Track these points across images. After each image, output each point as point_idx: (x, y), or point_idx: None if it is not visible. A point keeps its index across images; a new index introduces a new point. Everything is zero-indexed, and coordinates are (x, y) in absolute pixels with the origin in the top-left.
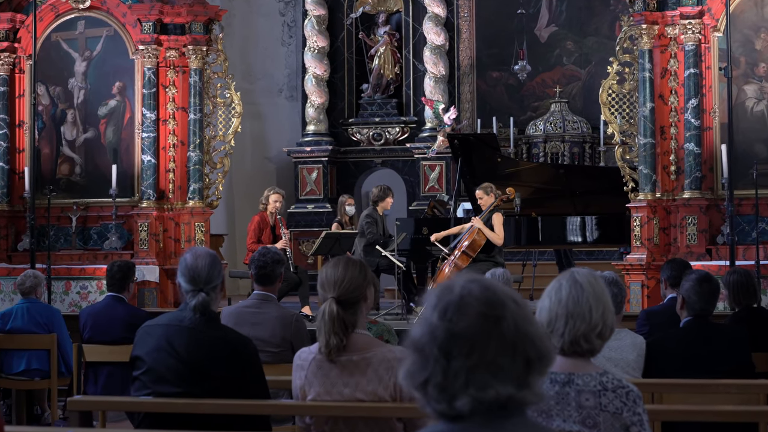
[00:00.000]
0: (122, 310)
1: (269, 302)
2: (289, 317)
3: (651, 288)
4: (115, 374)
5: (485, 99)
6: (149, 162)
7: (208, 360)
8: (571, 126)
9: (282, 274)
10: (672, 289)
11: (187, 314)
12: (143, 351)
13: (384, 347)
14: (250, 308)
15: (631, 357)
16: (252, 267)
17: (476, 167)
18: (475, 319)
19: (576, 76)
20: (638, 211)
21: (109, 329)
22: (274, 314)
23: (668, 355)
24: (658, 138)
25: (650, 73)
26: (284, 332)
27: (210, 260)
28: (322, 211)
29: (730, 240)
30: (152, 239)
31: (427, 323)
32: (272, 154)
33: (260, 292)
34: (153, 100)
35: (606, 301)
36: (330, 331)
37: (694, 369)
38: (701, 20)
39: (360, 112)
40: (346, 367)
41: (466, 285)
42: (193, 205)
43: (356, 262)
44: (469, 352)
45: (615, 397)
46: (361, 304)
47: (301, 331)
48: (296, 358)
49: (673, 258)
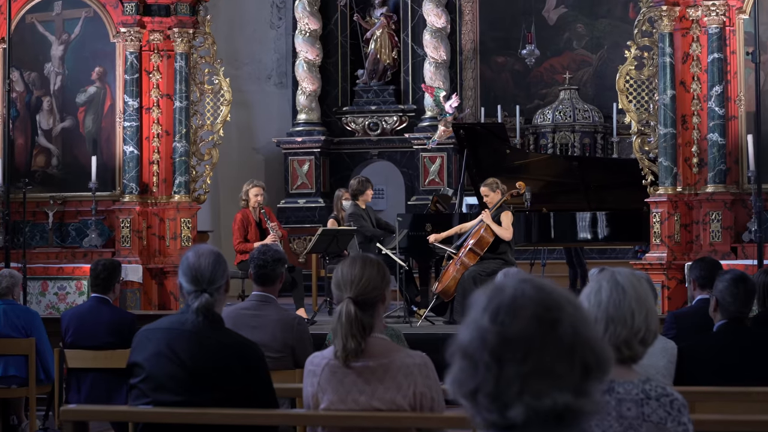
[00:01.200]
0: (108, 313)
1: (269, 304)
2: (291, 320)
3: (672, 289)
4: (100, 382)
5: (489, 86)
6: (131, 153)
7: (213, 366)
8: (582, 115)
9: (283, 274)
10: (701, 290)
11: (189, 317)
12: (142, 357)
13: (403, 352)
14: (249, 310)
15: (661, 363)
16: (251, 266)
17: (483, 159)
18: (530, 322)
19: (587, 61)
20: (658, 206)
21: (93, 333)
22: (274, 317)
23: (701, 361)
24: (680, 128)
25: (671, 58)
26: (285, 336)
27: (214, 259)
28: (314, 206)
29: (758, 237)
30: (135, 236)
31: (476, 327)
32: (260, 145)
33: (260, 293)
34: (135, 86)
35: (649, 305)
36: (347, 333)
37: (730, 376)
38: (725, 1)
39: (355, 100)
40: (362, 374)
41: (518, 285)
42: (179, 199)
43: (374, 261)
44: (523, 357)
45: (659, 406)
46: (378, 306)
47: (304, 335)
48: (308, 364)
49: (703, 257)
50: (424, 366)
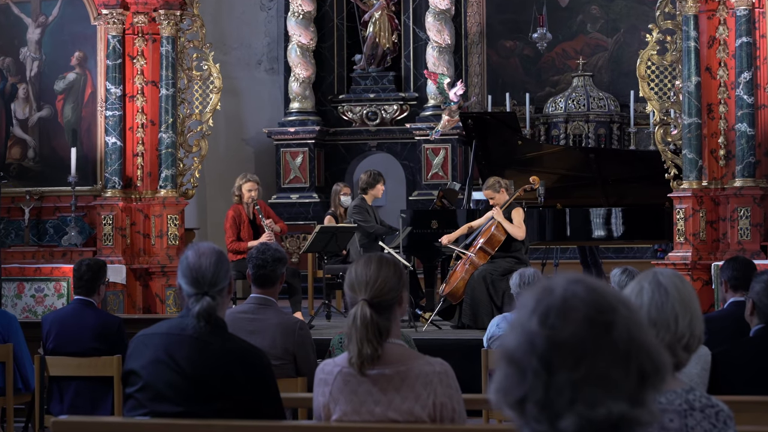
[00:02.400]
0: (92, 317)
1: (269, 308)
2: (292, 325)
3: (698, 290)
4: (84, 391)
5: (497, 72)
6: (114, 145)
7: (215, 374)
8: (597, 103)
9: (284, 274)
10: (734, 292)
11: (189, 322)
12: (138, 364)
13: (422, 359)
14: (247, 314)
15: (695, 371)
16: (249, 266)
17: (492, 151)
18: (582, 325)
19: (602, 45)
20: (682, 201)
21: (77, 338)
22: (274, 321)
23: (737, 369)
24: (705, 117)
25: (695, 42)
26: (286, 342)
27: (216, 258)
28: (308, 201)
29: None
30: (118, 234)
31: (523, 331)
32: (250, 136)
33: (258, 296)
34: (118, 72)
35: (694, 308)
36: (363, 338)
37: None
38: None
39: (352, 88)
40: (377, 382)
41: (568, 286)
42: (165, 194)
43: (390, 261)
44: (575, 363)
45: (703, 418)
46: (395, 309)
47: (306, 340)
48: (319, 372)
49: (735, 256)
50: (444, 374)
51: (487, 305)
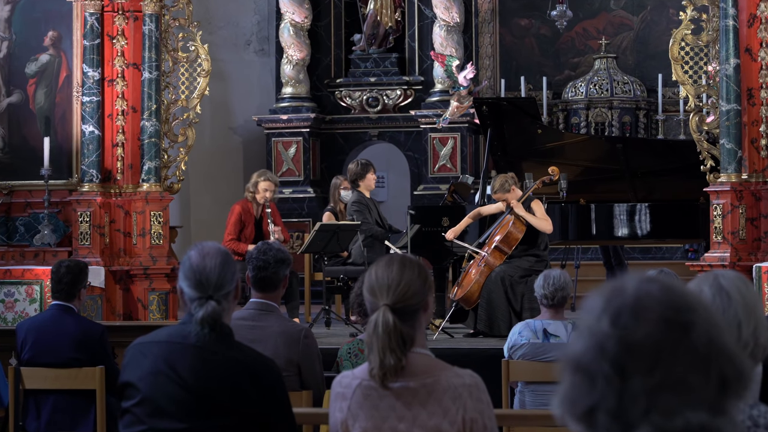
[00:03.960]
0: (72, 324)
1: (271, 314)
2: (297, 333)
3: None
4: (63, 405)
5: (511, 54)
6: (92, 134)
7: (221, 387)
8: (621, 88)
9: (287, 277)
10: None
11: (192, 329)
12: (136, 376)
13: (449, 371)
14: (247, 321)
15: None
16: (249, 268)
17: (509, 141)
18: (658, 326)
19: (627, 24)
20: (719, 196)
21: (55, 348)
22: (276, 329)
23: None
24: (745, 103)
25: (734, 20)
26: (290, 352)
27: (221, 259)
28: (303, 196)
29: None
30: (96, 233)
31: (591, 333)
32: (238, 124)
33: (259, 301)
34: (96, 54)
35: (759, 314)
36: (385, 347)
37: None
38: None
39: (350, 71)
40: (401, 396)
41: (641, 285)
42: (148, 188)
43: (414, 262)
44: (650, 368)
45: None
46: (420, 315)
47: (312, 350)
48: (336, 385)
49: None
50: (475, 387)
51: (504, 311)
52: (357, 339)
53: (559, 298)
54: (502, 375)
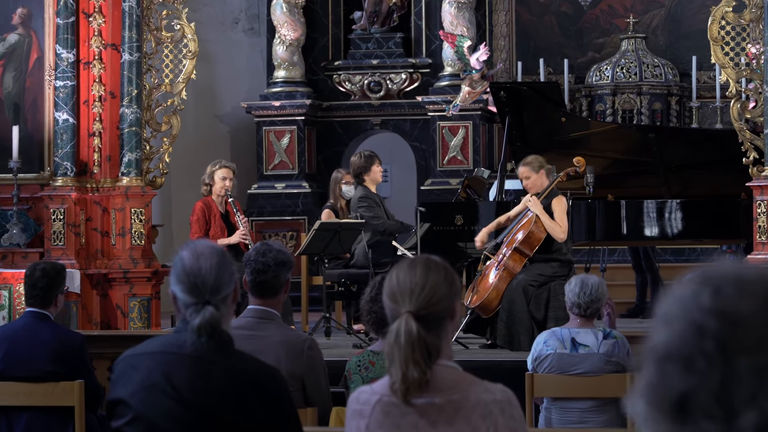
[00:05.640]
0: (48, 333)
1: (271, 322)
2: (300, 343)
3: None
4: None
5: (528, 33)
6: (65, 122)
7: (222, 401)
8: (651, 72)
9: (288, 281)
10: None
11: (188, 338)
12: (127, 391)
13: (479, 385)
14: (244, 330)
15: None
16: (246, 271)
17: (529, 130)
18: (765, 303)
19: (657, 1)
20: (763, 192)
21: (29, 360)
22: (277, 339)
23: None
24: None
25: None
26: (292, 365)
27: (218, 260)
28: (297, 192)
29: None
30: (70, 232)
31: (685, 314)
32: (225, 112)
33: (258, 308)
34: (70, 34)
35: None
36: (408, 359)
37: None
38: None
39: (350, 52)
40: (425, 414)
41: (736, 264)
42: (129, 183)
43: (439, 264)
44: (758, 347)
45: None
46: (446, 324)
47: (317, 363)
48: (352, 402)
49: None
50: (507, 403)
51: (526, 323)
52: (367, 350)
53: (593, 310)
54: (526, 390)
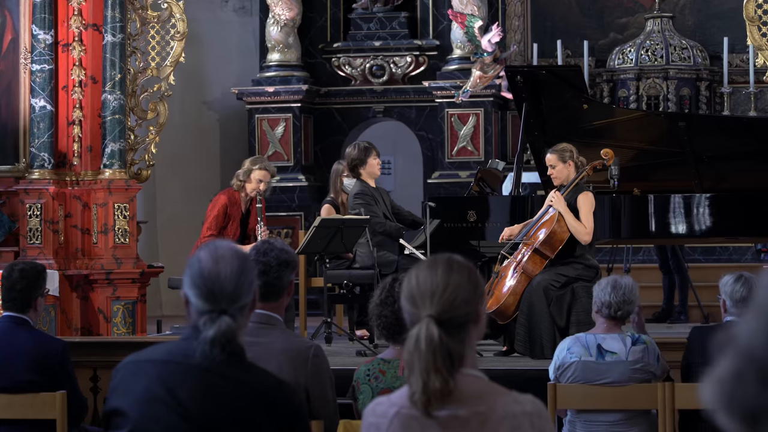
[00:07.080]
0: (27, 340)
1: (273, 327)
2: (304, 351)
3: None
4: None
5: (544, 13)
6: (43, 109)
7: (230, 417)
8: (678, 55)
9: (292, 283)
10: None
11: (198, 347)
12: (126, 401)
13: (507, 396)
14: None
15: None
16: None
17: (548, 118)
18: None
19: None
20: None
21: (6, 369)
22: (279, 346)
23: None
24: None
25: None
26: (297, 374)
27: (239, 265)
28: (293, 185)
29: None
30: (48, 229)
31: None
32: (214, 98)
33: (259, 312)
34: (48, 13)
35: None
36: (429, 367)
37: None
38: None
39: (350, 33)
40: (449, 427)
41: None
42: (111, 176)
43: (462, 265)
44: None
45: None
46: (470, 329)
47: (323, 372)
48: (368, 414)
49: None
50: (537, 415)
51: (548, 329)
52: (377, 359)
53: (624, 312)
54: (548, 401)
